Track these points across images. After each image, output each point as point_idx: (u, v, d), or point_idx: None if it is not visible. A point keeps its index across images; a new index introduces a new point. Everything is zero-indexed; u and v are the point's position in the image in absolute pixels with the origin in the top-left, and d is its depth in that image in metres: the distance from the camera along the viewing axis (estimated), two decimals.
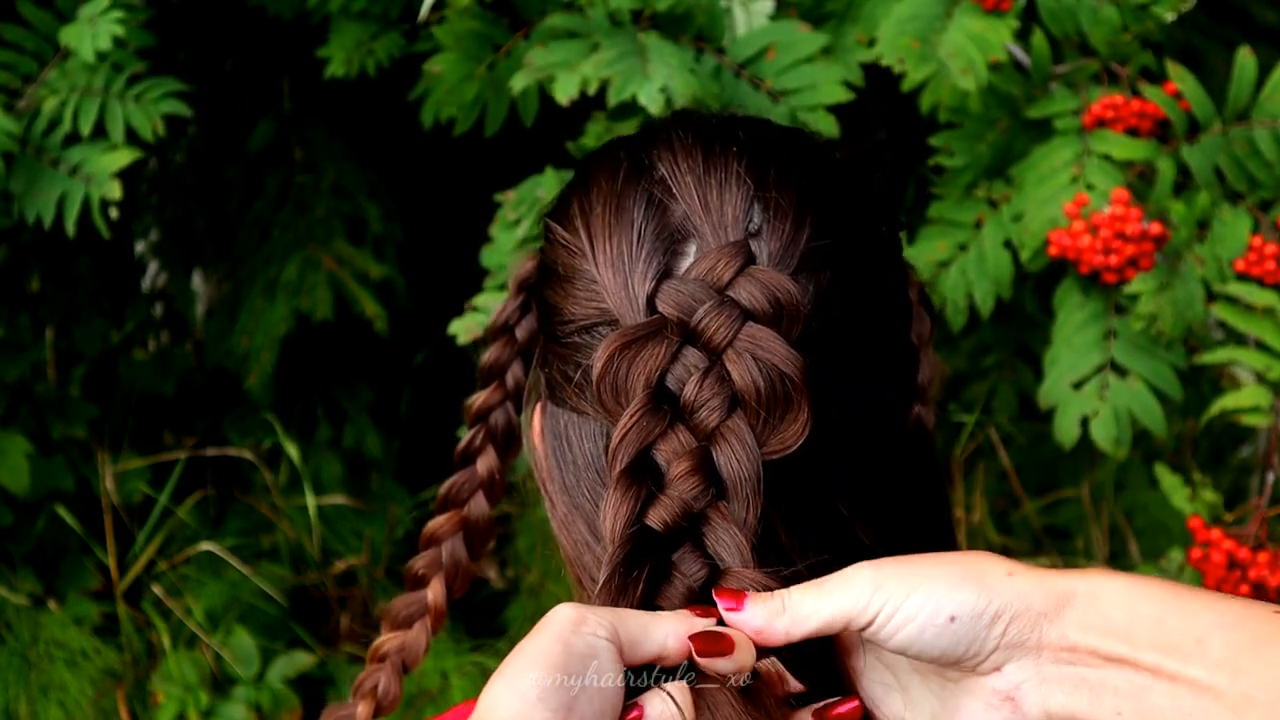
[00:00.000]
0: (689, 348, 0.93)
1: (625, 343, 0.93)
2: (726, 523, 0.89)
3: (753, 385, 0.90)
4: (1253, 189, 1.89)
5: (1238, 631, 0.81)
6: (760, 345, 0.91)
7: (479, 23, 1.90)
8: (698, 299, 0.92)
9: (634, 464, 0.91)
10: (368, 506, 3.06)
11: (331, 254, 2.82)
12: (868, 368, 0.98)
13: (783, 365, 0.90)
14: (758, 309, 0.92)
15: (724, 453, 0.90)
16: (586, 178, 1.03)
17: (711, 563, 0.89)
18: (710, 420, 0.91)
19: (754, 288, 0.92)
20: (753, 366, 0.90)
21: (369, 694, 1.16)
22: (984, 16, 1.83)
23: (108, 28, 1.92)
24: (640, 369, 0.92)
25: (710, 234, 0.95)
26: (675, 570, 0.89)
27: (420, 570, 1.20)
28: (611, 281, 0.96)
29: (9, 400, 2.90)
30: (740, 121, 1.04)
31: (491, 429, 1.20)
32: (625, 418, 0.91)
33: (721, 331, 0.91)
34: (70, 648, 2.68)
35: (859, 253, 0.99)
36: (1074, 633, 0.84)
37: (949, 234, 1.95)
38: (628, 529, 0.89)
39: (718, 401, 0.91)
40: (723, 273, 0.93)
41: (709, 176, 0.97)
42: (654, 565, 0.89)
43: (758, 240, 0.95)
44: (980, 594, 0.84)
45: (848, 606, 0.86)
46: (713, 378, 0.91)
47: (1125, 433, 1.83)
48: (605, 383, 0.93)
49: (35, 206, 1.99)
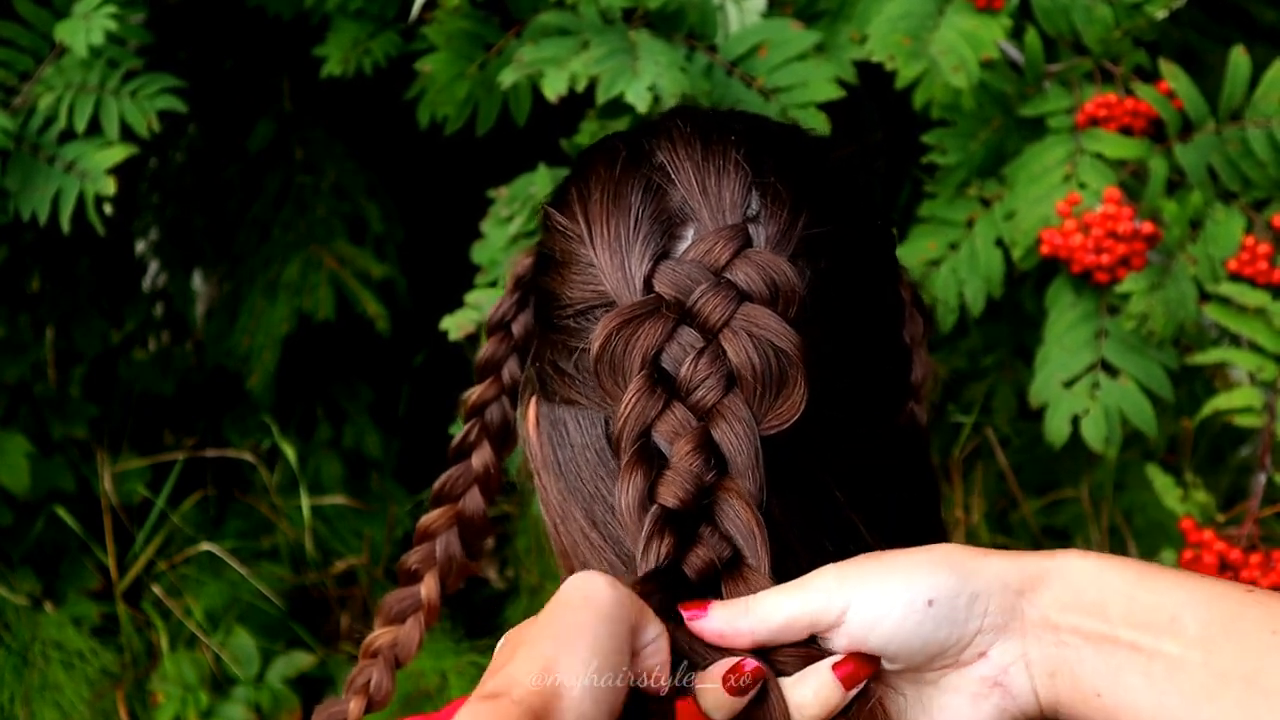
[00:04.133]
0: (685, 327, 0.93)
1: (623, 321, 0.93)
2: (734, 498, 0.89)
3: (749, 362, 0.91)
4: (1246, 189, 1.89)
5: (1210, 608, 0.82)
6: (756, 323, 0.92)
7: (470, 22, 1.90)
8: (694, 280, 0.93)
9: (639, 446, 0.91)
10: (367, 506, 3.07)
11: (333, 254, 2.82)
12: (860, 357, 0.99)
13: (778, 341, 0.91)
14: (754, 290, 0.92)
15: (722, 430, 0.91)
16: (585, 167, 1.04)
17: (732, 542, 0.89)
18: (708, 399, 0.91)
19: (751, 269, 0.93)
20: (749, 344, 0.91)
21: (361, 690, 1.16)
22: (976, 14, 1.82)
23: (101, 23, 1.92)
24: (637, 347, 0.93)
25: (708, 217, 0.96)
26: (698, 545, 0.89)
27: (414, 565, 1.20)
28: (609, 263, 0.97)
29: (9, 400, 2.90)
30: (738, 115, 1.06)
31: (487, 424, 1.20)
32: (625, 402, 0.92)
33: (718, 311, 0.92)
34: (68, 648, 2.69)
35: (854, 243, 0.99)
36: (1053, 612, 0.84)
37: (940, 233, 1.95)
38: (644, 508, 0.89)
39: (714, 380, 0.91)
40: (720, 254, 0.93)
41: (707, 163, 0.97)
42: (674, 543, 0.89)
43: (755, 225, 0.95)
44: (956, 576, 0.84)
45: (813, 603, 0.85)
46: (708, 356, 0.92)
47: (1115, 432, 1.82)
48: (603, 361, 0.94)
49: (31, 203, 1.99)
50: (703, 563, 0.88)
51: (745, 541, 0.89)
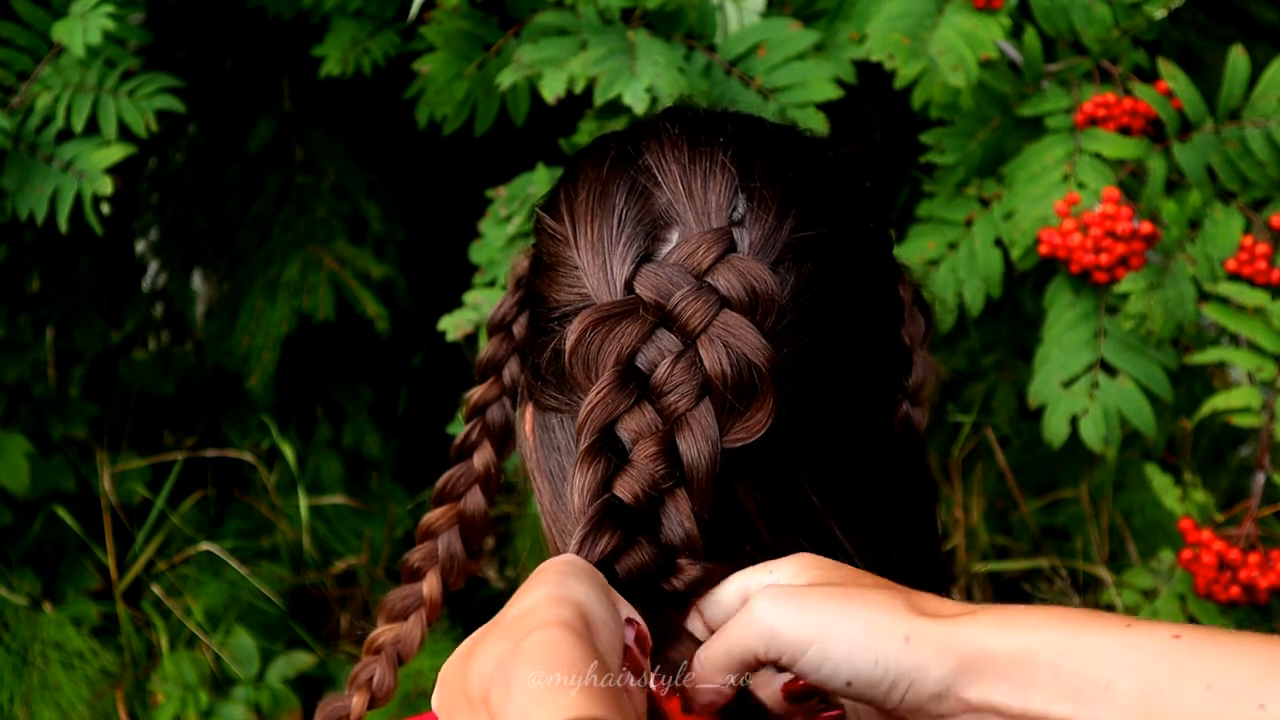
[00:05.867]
0: (663, 330, 0.93)
1: (599, 318, 0.93)
2: (681, 509, 0.90)
3: (722, 372, 0.91)
4: (1245, 188, 1.89)
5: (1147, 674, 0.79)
6: (733, 333, 0.91)
7: (468, 22, 1.90)
8: (675, 283, 0.93)
9: (600, 436, 0.91)
10: (367, 506, 3.06)
11: (333, 254, 2.82)
12: (847, 362, 0.98)
13: (752, 355, 0.91)
14: (734, 297, 0.92)
15: (686, 439, 0.91)
16: (575, 169, 1.04)
17: (666, 547, 0.90)
18: (680, 404, 0.91)
19: (732, 275, 0.92)
20: (723, 354, 0.91)
21: (364, 686, 1.16)
22: (975, 14, 1.82)
23: (98, 22, 1.92)
24: (613, 345, 0.93)
25: (693, 220, 0.95)
26: (635, 546, 0.90)
27: (416, 563, 1.20)
28: (590, 265, 0.97)
29: (9, 400, 2.90)
30: (730, 116, 1.05)
31: (488, 424, 1.20)
32: (594, 392, 0.92)
33: (698, 316, 0.92)
34: (67, 648, 2.69)
35: (843, 247, 0.99)
36: (976, 694, 0.82)
37: (939, 232, 1.95)
38: (596, 496, 0.89)
39: (688, 387, 0.91)
40: (702, 259, 0.93)
41: (694, 165, 0.97)
42: (620, 536, 0.89)
43: (740, 229, 0.95)
44: (877, 664, 0.83)
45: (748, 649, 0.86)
46: (685, 361, 0.92)
47: (1114, 432, 1.82)
48: (577, 356, 0.94)
49: (28, 203, 1.99)
50: (635, 565, 0.89)
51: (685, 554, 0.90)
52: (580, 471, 0.90)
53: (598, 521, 0.88)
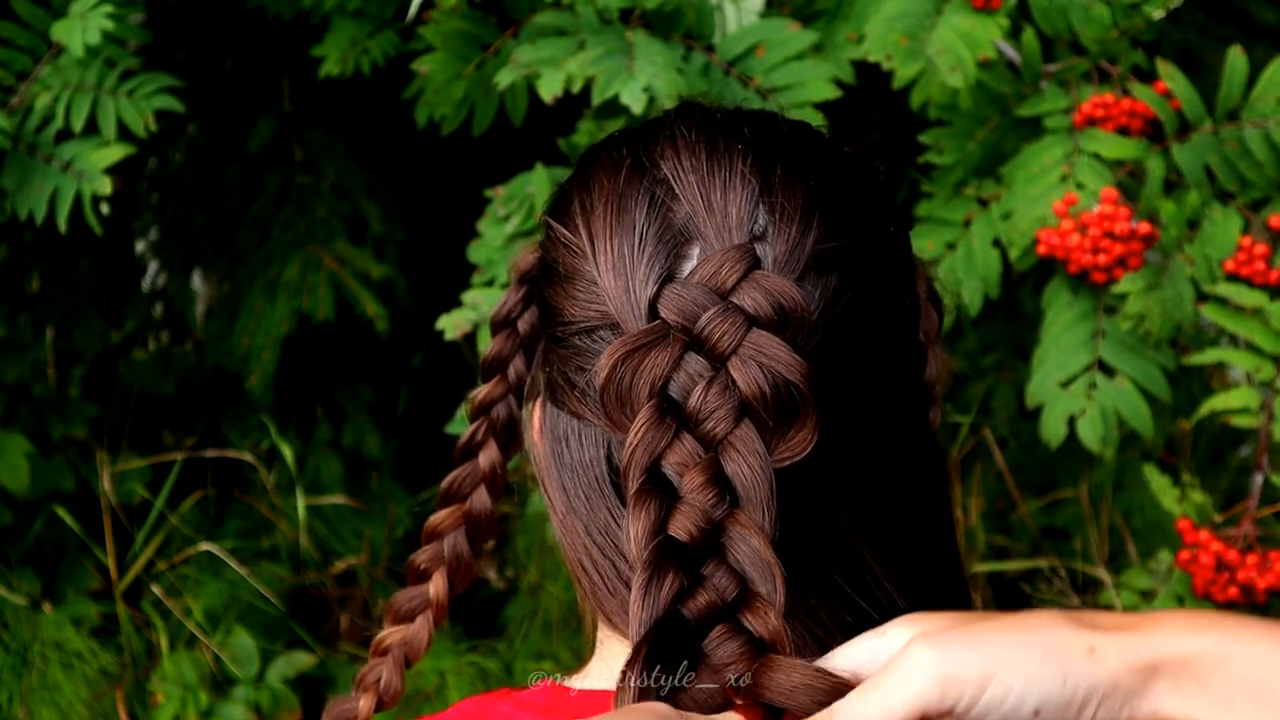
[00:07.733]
0: (692, 354, 0.91)
1: (628, 351, 0.91)
2: (746, 531, 0.86)
3: (759, 392, 0.88)
4: (1243, 189, 1.89)
5: None
6: (765, 352, 0.89)
7: (467, 22, 1.90)
8: (701, 305, 0.91)
9: (648, 477, 0.88)
10: (367, 506, 3.06)
11: (332, 254, 2.82)
12: (877, 372, 0.97)
13: (788, 373, 0.88)
14: (762, 315, 0.90)
15: (734, 461, 0.88)
16: (587, 174, 1.02)
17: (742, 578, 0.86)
18: (719, 430, 0.89)
19: (758, 294, 0.90)
20: (758, 374, 0.88)
21: (371, 687, 1.15)
22: (973, 14, 1.82)
23: (98, 22, 1.92)
24: (645, 378, 0.90)
25: (714, 236, 0.93)
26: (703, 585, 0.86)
27: (422, 565, 1.19)
28: (613, 285, 0.95)
29: (9, 400, 2.90)
30: (746, 117, 1.02)
31: (494, 423, 1.18)
32: (634, 431, 0.89)
33: (726, 338, 0.89)
34: (67, 648, 2.69)
35: (867, 254, 0.97)
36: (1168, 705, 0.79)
37: (938, 232, 1.95)
38: (653, 539, 0.86)
39: (725, 411, 0.89)
40: (726, 277, 0.91)
41: (713, 176, 0.95)
42: (684, 578, 0.85)
43: (763, 243, 0.93)
44: (1065, 682, 0.79)
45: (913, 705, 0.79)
46: (718, 385, 0.89)
47: (1112, 432, 1.82)
48: (609, 392, 0.92)
49: (27, 203, 1.99)
50: (705, 605, 0.85)
51: (759, 574, 0.85)
52: (634, 519, 0.87)
53: (657, 565, 0.85)
